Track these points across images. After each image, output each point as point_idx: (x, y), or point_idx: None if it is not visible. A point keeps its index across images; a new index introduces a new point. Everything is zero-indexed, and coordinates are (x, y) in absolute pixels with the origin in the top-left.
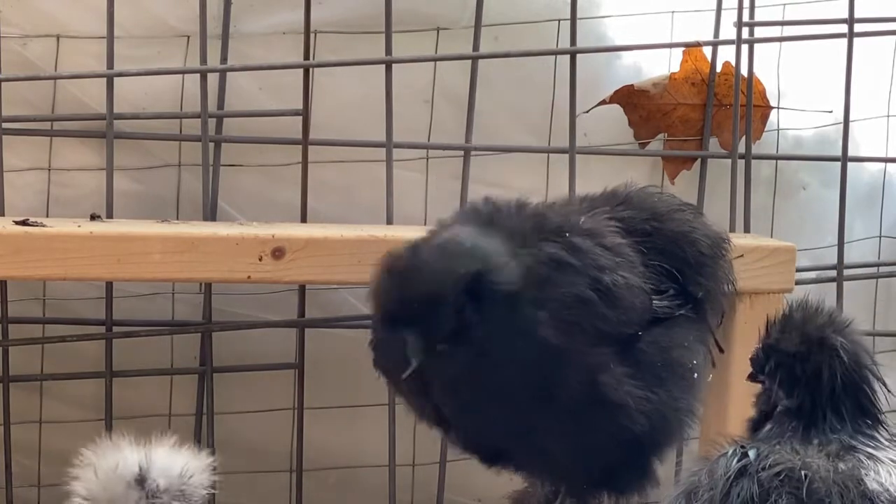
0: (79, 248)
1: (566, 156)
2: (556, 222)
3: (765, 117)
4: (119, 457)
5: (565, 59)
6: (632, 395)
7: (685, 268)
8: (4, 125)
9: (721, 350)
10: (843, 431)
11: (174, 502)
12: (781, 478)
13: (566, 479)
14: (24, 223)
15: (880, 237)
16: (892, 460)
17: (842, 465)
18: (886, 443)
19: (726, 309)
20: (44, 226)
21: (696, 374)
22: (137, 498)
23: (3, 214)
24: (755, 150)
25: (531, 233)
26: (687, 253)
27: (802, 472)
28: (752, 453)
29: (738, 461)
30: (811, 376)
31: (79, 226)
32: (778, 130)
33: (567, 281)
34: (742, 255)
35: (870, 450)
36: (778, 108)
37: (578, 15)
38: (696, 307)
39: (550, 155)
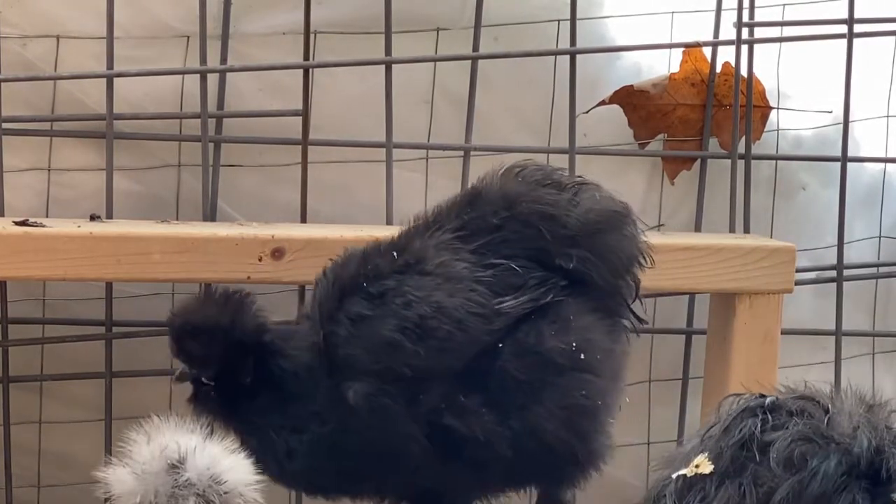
0: (78, 248)
1: (566, 156)
2: (360, 275)
3: (764, 117)
4: (171, 439)
5: (565, 60)
6: (483, 426)
7: (546, 245)
8: (4, 125)
9: (640, 321)
10: None
11: (194, 499)
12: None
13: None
14: (23, 224)
15: (880, 237)
16: None
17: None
18: None
19: (637, 279)
20: (43, 226)
21: (582, 355)
22: (171, 483)
23: (2, 215)
24: (755, 150)
25: (336, 299)
26: (544, 230)
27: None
28: (769, 400)
29: (751, 402)
30: None
31: (78, 226)
32: (778, 131)
33: (368, 332)
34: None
35: None
36: (778, 108)
37: (578, 15)
38: (578, 280)
39: (550, 155)
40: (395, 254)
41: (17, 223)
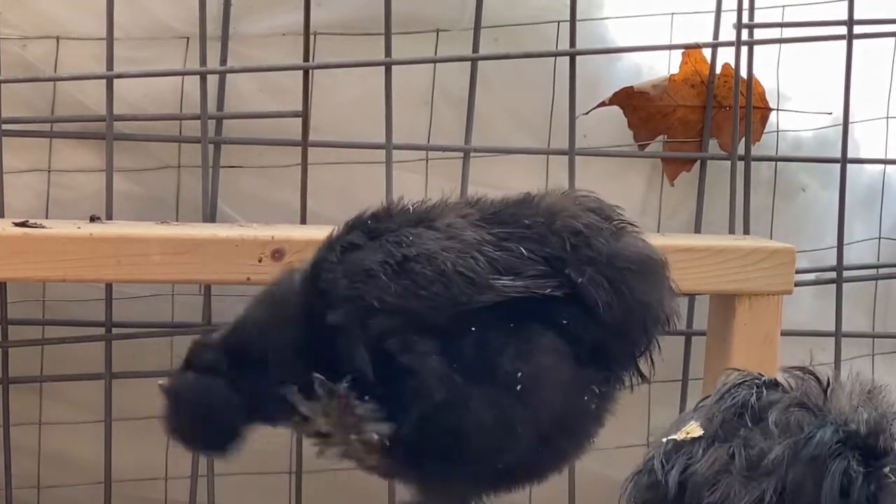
0: (78, 249)
1: (566, 157)
2: (371, 216)
3: (764, 119)
4: None
5: (565, 61)
6: (426, 363)
7: (564, 255)
8: (4, 127)
9: (642, 377)
10: None
11: None
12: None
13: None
14: (23, 225)
15: (880, 239)
16: None
17: None
18: None
19: (651, 334)
20: (43, 227)
21: (520, 386)
22: None
23: (2, 216)
24: (755, 151)
25: (343, 233)
26: (568, 242)
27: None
28: (766, 377)
29: (747, 377)
30: None
31: (78, 227)
32: (777, 132)
33: (353, 259)
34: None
35: None
36: (777, 109)
37: (578, 16)
38: (580, 307)
39: (550, 156)
40: (411, 208)
41: (16, 224)
